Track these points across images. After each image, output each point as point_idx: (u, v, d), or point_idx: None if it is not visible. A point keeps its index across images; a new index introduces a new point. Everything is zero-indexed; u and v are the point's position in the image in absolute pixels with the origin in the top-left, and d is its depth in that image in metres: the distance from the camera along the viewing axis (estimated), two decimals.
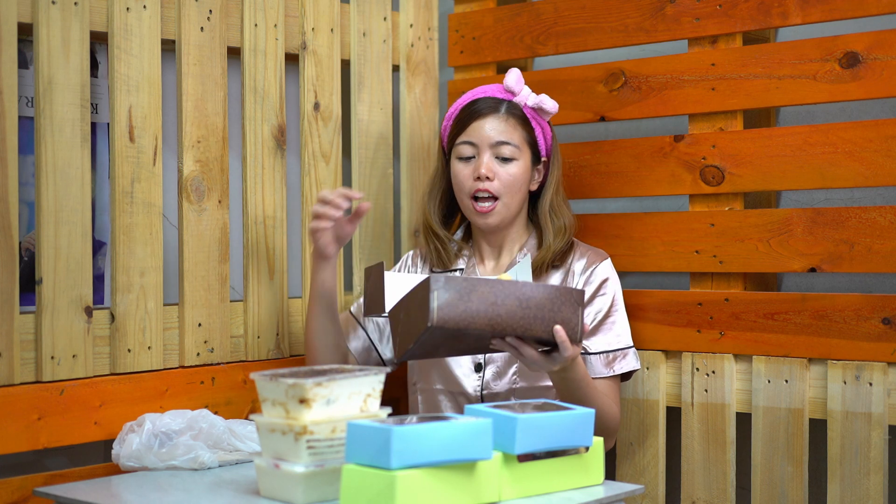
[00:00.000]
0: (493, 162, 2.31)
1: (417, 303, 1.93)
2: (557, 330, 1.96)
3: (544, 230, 2.37)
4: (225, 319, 2.36)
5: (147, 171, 2.23)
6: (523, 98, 2.34)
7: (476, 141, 2.32)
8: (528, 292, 1.96)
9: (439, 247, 2.41)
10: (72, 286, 2.12)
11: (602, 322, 2.33)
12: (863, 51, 2.22)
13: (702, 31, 2.42)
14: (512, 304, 1.95)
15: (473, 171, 2.32)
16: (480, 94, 2.36)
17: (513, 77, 2.35)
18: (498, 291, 1.94)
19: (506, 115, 2.32)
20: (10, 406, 2.03)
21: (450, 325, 1.90)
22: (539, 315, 1.96)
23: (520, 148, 2.32)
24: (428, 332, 1.90)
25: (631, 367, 2.34)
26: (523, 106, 2.34)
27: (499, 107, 2.33)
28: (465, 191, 2.33)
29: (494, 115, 2.32)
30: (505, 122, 2.32)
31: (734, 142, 2.37)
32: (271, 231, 2.45)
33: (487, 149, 2.31)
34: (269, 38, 2.45)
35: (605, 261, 2.38)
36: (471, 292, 1.92)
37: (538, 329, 1.97)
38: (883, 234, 2.20)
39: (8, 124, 2.03)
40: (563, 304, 1.98)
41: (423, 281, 1.92)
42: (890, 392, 2.17)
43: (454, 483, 1.70)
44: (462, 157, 2.34)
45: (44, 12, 2.08)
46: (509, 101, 2.34)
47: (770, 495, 2.31)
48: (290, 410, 1.76)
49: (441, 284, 1.90)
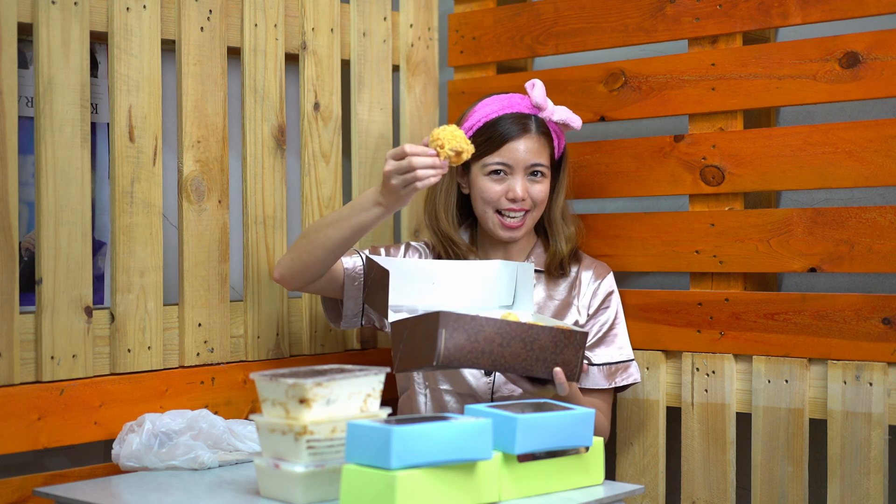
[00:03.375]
0: (526, 182, 2.30)
1: (423, 334, 1.94)
2: (557, 372, 2.02)
3: (555, 236, 2.37)
4: (225, 319, 2.36)
5: (147, 171, 2.23)
6: (549, 113, 2.33)
7: (511, 163, 2.30)
8: (533, 335, 1.99)
9: (449, 250, 2.38)
10: (72, 286, 2.12)
11: (606, 334, 2.36)
12: (863, 51, 2.22)
13: (702, 31, 2.42)
14: (517, 347, 1.99)
15: (505, 190, 2.30)
16: (508, 108, 2.32)
17: (539, 92, 2.32)
18: (505, 333, 1.97)
19: (537, 136, 2.31)
20: (10, 406, 2.03)
21: (454, 364, 1.94)
22: (542, 357, 2.01)
23: (548, 166, 2.33)
24: (432, 367, 1.94)
25: (632, 380, 2.36)
26: (548, 121, 2.34)
27: (529, 125, 2.31)
28: (493, 205, 2.31)
29: (527, 136, 2.30)
30: (537, 142, 2.31)
31: (734, 142, 2.37)
32: (271, 231, 2.44)
33: (522, 171, 2.30)
34: (269, 38, 2.45)
35: (609, 274, 2.41)
36: (478, 333, 1.95)
37: (538, 369, 2.02)
38: (883, 234, 2.19)
39: (8, 124, 2.03)
40: (565, 347, 2.02)
41: (432, 314, 1.93)
42: (890, 392, 2.17)
43: (454, 483, 1.70)
44: (493, 171, 2.31)
45: (44, 12, 2.08)
46: (536, 116, 2.33)
47: (770, 495, 2.31)
48: (290, 410, 1.76)
49: (450, 324, 1.91)
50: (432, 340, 1.92)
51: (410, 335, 1.99)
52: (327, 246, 2.17)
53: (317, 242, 2.18)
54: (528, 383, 2.07)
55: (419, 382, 2.37)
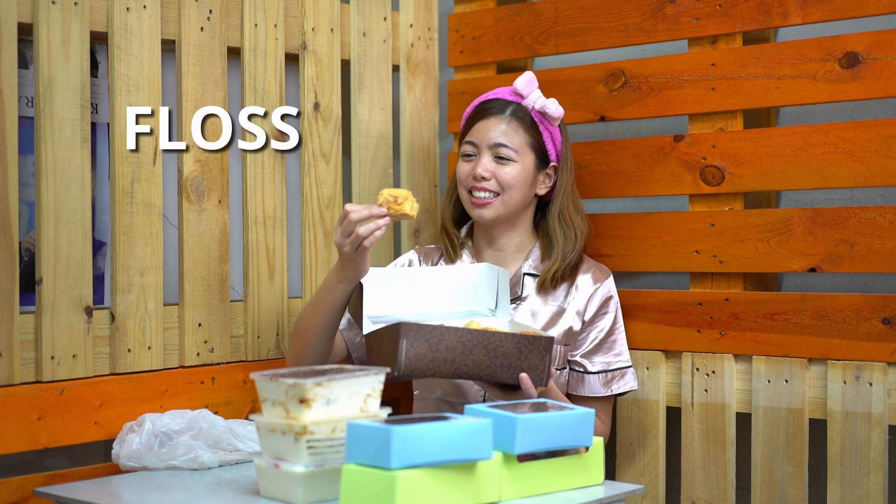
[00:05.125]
0: (491, 163, 2.32)
1: (388, 345, 1.98)
2: (523, 378, 2.04)
3: (553, 238, 2.37)
4: (225, 319, 2.36)
5: (147, 171, 2.23)
6: (531, 102, 2.35)
7: (477, 141, 2.34)
8: (496, 342, 2.01)
9: (447, 243, 2.43)
10: (72, 286, 2.12)
11: (603, 341, 2.35)
12: (863, 51, 2.22)
13: (702, 31, 2.42)
14: (479, 354, 2.01)
15: (472, 169, 2.34)
16: (492, 95, 2.39)
17: (523, 80, 2.36)
18: (466, 342, 2.00)
19: (510, 118, 2.33)
20: (10, 406, 2.03)
21: (416, 374, 1.97)
22: (506, 363, 2.03)
23: (518, 151, 2.33)
24: (395, 378, 1.96)
25: (629, 387, 2.36)
26: (531, 109, 2.35)
27: (505, 109, 2.34)
28: (464, 184, 2.36)
29: (498, 117, 2.34)
30: (507, 124, 2.33)
31: (734, 142, 2.37)
32: (271, 231, 2.44)
33: (486, 150, 2.33)
34: (269, 38, 2.45)
35: (608, 278, 2.39)
36: (439, 342, 1.98)
37: (504, 376, 2.03)
38: (883, 234, 2.19)
39: (8, 124, 2.03)
40: (530, 353, 2.04)
41: (394, 325, 1.96)
42: (890, 392, 2.17)
43: (454, 483, 1.70)
44: (464, 154, 2.37)
45: (44, 12, 2.08)
46: (517, 103, 2.35)
47: (770, 495, 2.31)
48: (290, 410, 1.76)
49: (411, 334, 1.94)
50: (395, 351, 1.95)
51: (379, 346, 2.03)
52: (316, 333, 2.21)
53: (306, 333, 2.22)
54: (497, 389, 2.08)
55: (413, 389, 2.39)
